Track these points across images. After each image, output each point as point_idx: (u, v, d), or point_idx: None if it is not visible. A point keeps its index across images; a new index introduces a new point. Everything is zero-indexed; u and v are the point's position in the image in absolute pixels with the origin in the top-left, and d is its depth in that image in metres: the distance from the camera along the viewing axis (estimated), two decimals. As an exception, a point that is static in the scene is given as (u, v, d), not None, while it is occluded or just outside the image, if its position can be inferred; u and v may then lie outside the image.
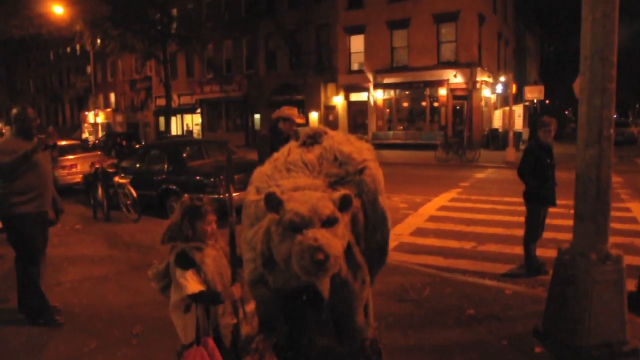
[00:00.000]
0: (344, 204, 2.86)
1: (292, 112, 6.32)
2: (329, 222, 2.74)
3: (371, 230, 3.42)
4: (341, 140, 3.67)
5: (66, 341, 4.46)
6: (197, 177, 9.78)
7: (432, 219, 9.49)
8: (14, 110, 4.97)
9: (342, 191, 2.93)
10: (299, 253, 2.60)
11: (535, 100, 33.91)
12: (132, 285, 5.88)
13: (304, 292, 3.02)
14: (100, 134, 41.03)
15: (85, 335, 4.55)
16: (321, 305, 3.08)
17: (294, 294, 3.04)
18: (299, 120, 6.32)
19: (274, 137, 6.02)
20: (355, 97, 30.55)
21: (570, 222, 7.76)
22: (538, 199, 6.18)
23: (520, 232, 6.88)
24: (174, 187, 9.88)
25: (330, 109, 31.48)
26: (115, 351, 4.23)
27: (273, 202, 2.82)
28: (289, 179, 3.32)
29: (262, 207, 3.01)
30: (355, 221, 3.22)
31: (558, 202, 6.48)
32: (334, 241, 2.68)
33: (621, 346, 3.87)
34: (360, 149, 3.65)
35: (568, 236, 6.80)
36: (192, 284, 2.91)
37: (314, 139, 3.65)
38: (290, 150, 3.62)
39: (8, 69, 57.35)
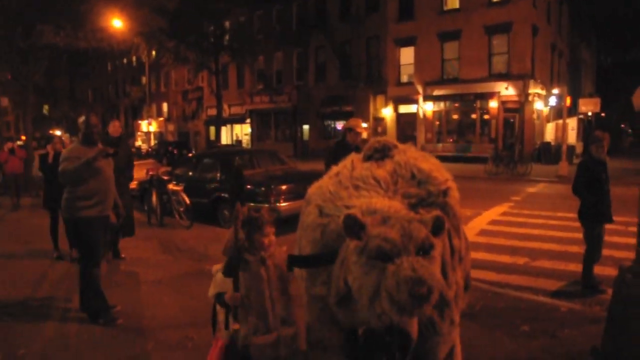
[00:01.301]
0: (437, 228, 2.46)
1: (356, 122, 6.53)
2: (424, 249, 2.36)
3: (457, 262, 3.00)
4: (416, 156, 3.26)
5: (124, 341, 4.64)
6: (248, 186, 9.96)
7: (483, 232, 9.32)
8: (80, 119, 5.26)
9: (434, 212, 2.54)
10: (393, 287, 2.18)
11: (590, 113, 32.78)
12: (186, 289, 6.05)
13: (387, 334, 2.58)
14: (152, 143, 42.36)
15: (142, 337, 4.72)
16: (407, 349, 2.64)
17: (373, 336, 2.65)
18: (361, 130, 6.50)
19: (340, 149, 6.14)
20: (404, 109, 30.39)
21: (629, 240, 7.54)
22: (595, 216, 5.98)
23: (574, 249, 6.70)
24: (226, 196, 10.09)
25: (379, 120, 31.43)
26: (171, 353, 4.36)
27: (354, 227, 2.42)
28: (359, 197, 2.90)
29: (332, 231, 2.72)
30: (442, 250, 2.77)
31: (616, 218, 6.27)
32: (435, 271, 2.29)
33: (686, 370, 3.71)
34: (438, 167, 3.25)
35: (626, 254, 6.63)
36: (212, 286, 3.04)
37: (383, 152, 3.25)
38: (354, 164, 3.23)
39: (70, 80, 59.99)
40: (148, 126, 45.73)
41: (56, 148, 7.95)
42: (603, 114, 39.56)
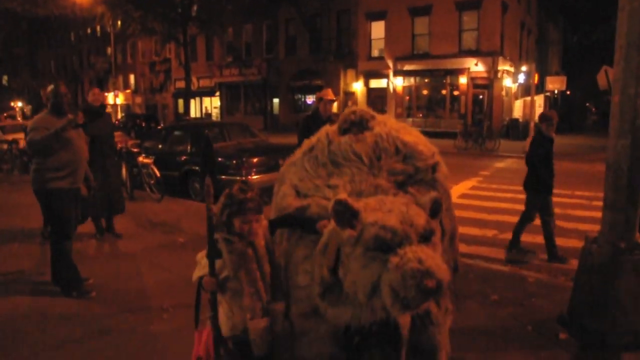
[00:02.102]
0: (435, 211, 2.24)
1: (326, 91, 6.65)
2: (425, 236, 2.13)
3: (448, 243, 2.79)
4: (397, 127, 2.98)
5: (99, 313, 4.60)
6: (220, 159, 9.87)
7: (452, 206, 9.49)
8: (48, 88, 5.09)
9: (432, 194, 2.29)
10: (398, 282, 1.94)
11: (556, 91, 33.51)
12: (159, 262, 6.02)
13: (375, 329, 2.34)
14: (119, 115, 41.41)
15: (117, 309, 4.69)
16: (398, 345, 2.43)
17: (362, 332, 2.37)
18: (332, 98, 6.62)
19: (312, 122, 6.16)
20: (374, 83, 30.44)
21: (592, 213, 7.80)
22: (543, 187, 6.29)
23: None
24: (197, 168, 9.99)
25: (350, 95, 31.40)
26: (147, 324, 4.35)
27: (345, 214, 2.14)
28: (341, 175, 2.67)
29: (313, 215, 2.52)
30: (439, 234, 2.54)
31: (581, 193, 6.51)
32: (440, 260, 2.03)
33: (646, 335, 3.90)
34: (423, 140, 3.01)
35: (590, 227, 6.87)
36: (197, 270, 2.66)
37: (360, 125, 2.94)
38: (330, 138, 2.93)
39: (30, 49, 57.88)
40: (115, 98, 44.64)
41: None
42: (568, 92, 40.36)
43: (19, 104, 50.27)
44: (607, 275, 3.89)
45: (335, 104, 7.05)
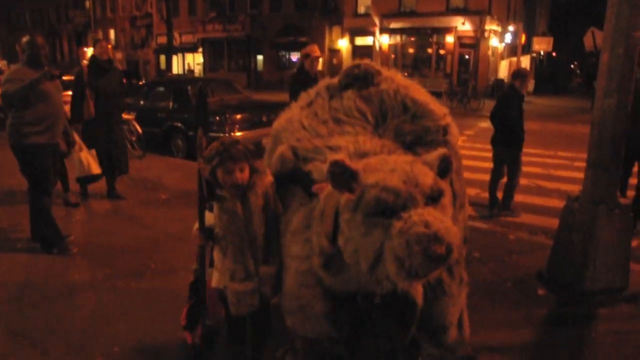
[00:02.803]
0: (444, 170, 2.00)
1: (312, 47, 6.52)
2: (433, 198, 1.90)
3: (459, 209, 2.55)
4: (406, 84, 2.73)
5: (81, 269, 4.57)
6: (203, 116, 9.72)
7: (436, 166, 9.52)
8: (24, 39, 4.89)
9: (440, 150, 2.04)
10: (402, 248, 1.73)
11: (542, 52, 33.37)
12: (141, 218, 5.97)
13: (387, 301, 2.14)
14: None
15: (99, 265, 4.65)
16: (412, 316, 2.23)
17: (369, 302, 2.19)
18: (319, 55, 6.52)
19: (298, 80, 6.08)
20: (360, 41, 30.03)
21: (573, 174, 7.86)
22: (513, 142, 6.36)
23: (523, 181, 6.96)
24: (179, 125, 9.85)
25: (335, 52, 30.98)
26: (130, 280, 4.33)
27: (342, 175, 1.92)
28: (343, 135, 2.43)
29: (315, 182, 2.30)
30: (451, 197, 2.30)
31: (562, 154, 6.55)
32: (450, 223, 1.80)
33: (622, 291, 3.99)
34: (434, 99, 2.77)
35: (571, 187, 6.93)
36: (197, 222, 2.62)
37: (365, 80, 2.68)
38: (332, 92, 2.71)
39: (4, 2, 55.79)
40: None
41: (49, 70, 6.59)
42: (554, 54, 40.26)
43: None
44: (588, 233, 3.94)
45: (320, 61, 6.94)
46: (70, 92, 6.43)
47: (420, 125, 2.55)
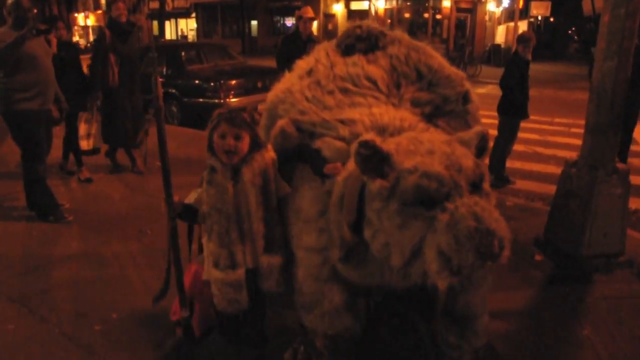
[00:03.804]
0: (482, 149, 1.81)
1: (305, 9, 6.43)
2: (475, 184, 1.69)
3: None
4: (416, 47, 2.50)
5: (77, 237, 4.55)
6: (197, 81, 9.59)
7: (433, 132, 9.47)
8: (9, 1, 4.74)
9: (477, 128, 1.85)
10: (451, 244, 1.54)
11: (539, 17, 32.90)
12: (137, 185, 5.95)
13: (414, 293, 1.97)
14: (91, 38, 39.77)
15: (95, 232, 4.64)
16: (431, 313, 2.10)
17: (393, 296, 2.02)
18: (312, 16, 6.39)
19: (291, 42, 5.98)
20: (355, 5, 29.56)
21: (570, 140, 7.83)
22: (516, 110, 6.22)
23: (520, 147, 6.91)
24: (173, 91, 9.71)
25: (330, 17, 30.50)
26: (126, 247, 4.32)
27: (373, 158, 1.69)
28: (354, 107, 2.19)
29: (325, 161, 2.06)
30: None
31: (559, 120, 6.49)
32: (498, 214, 1.62)
33: (618, 257, 4.01)
34: (446, 63, 2.54)
35: (568, 153, 6.91)
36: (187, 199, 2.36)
37: (369, 41, 2.46)
38: (332, 58, 2.45)
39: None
40: (85, 20, 42.69)
41: (60, 35, 5.89)
42: (552, 19, 39.71)
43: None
44: (585, 199, 3.93)
45: (315, 24, 6.81)
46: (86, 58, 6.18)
47: (438, 93, 2.34)
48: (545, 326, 3.23)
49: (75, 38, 43.41)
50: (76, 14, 44.94)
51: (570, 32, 47.79)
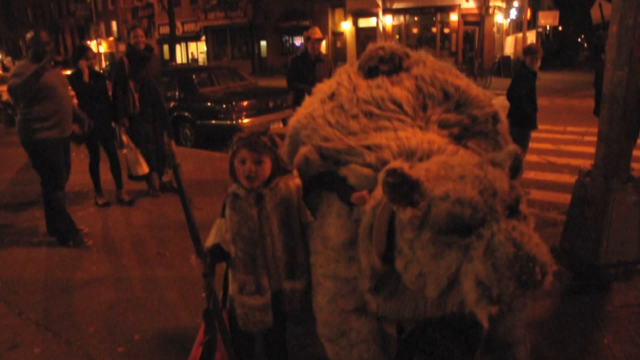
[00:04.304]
0: (516, 170, 1.71)
1: (313, 30, 6.52)
2: (511, 207, 1.61)
3: None
4: (441, 68, 2.44)
5: (97, 261, 4.63)
6: (209, 104, 9.74)
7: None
8: (28, 35, 4.90)
9: (511, 147, 1.76)
10: (490, 273, 1.46)
11: (548, 27, 32.95)
12: (154, 208, 6.01)
13: (448, 324, 1.87)
14: (104, 64, 40.49)
15: (114, 256, 4.72)
16: (478, 338, 1.96)
17: (427, 325, 1.92)
18: (320, 36, 6.48)
19: (300, 63, 6.09)
20: (363, 22, 29.77)
21: (584, 148, 7.80)
22: (529, 122, 6.23)
23: (533, 158, 6.90)
24: (186, 114, 9.86)
25: (338, 35, 30.76)
26: (145, 270, 4.38)
27: (402, 187, 1.61)
28: (380, 131, 2.12)
29: (350, 186, 2.00)
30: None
31: (572, 129, 6.47)
32: (538, 239, 1.53)
33: (637, 264, 3.99)
34: (471, 82, 2.47)
35: (582, 162, 6.88)
36: (210, 237, 2.30)
37: (393, 63, 2.40)
38: (354, 81, 2.38)
39: (5, -4, 55.84)
40: (97, 47, 43.49)
41: (91, 64, 5.93)
42: (560, 28, 39.70)
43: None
44: (600, 207, 3.93)
45: (323, 43, 6.91)
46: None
47: (467, 114, 2.26)
48: (565, 336, 3.22)
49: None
50: (88, 42, 45.88)
51: (579, 40, 47.69)
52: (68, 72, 6.06)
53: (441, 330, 1.90)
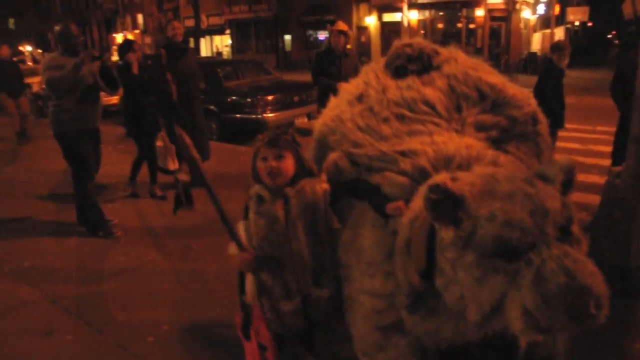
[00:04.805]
0: (568, 185, 1.56)
1: (338, 23, 6.47)
2: (564, 229, 1.47)
3: None
4: (475, 65, 2.31)
5: (126, 252, 4.72)
6: (234, 98, 9.81)
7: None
8: (57, 28, 4.99)
9: (563, 159, 1.59)
10: (538, 304, 1.34)
11: (577, 23, 32.36)
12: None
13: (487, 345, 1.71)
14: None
15: (143, 247, 4.81)
16: (517, 354, 1.75)
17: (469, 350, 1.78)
18: (345, 29, 6.40)
19: (325, 57, 6.07)
20: (388, 17, 29.61)
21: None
22: (557, 121, 6.04)
23: (558, 157, 6.80)
24: (212, 108, 9.93)
25: (363, 30, 30.66)
26: (173, 262, 4.47)
27: (445, 204, 1.47)
28: (413, 135, 2.00)
29: (384, 196, 1.89)
30: None
31: (602, 128, 6.36)
32: (592, 265, 1.40)
33: (667, 268, 3.92)
34: (507, 80, 2.34)
35: (610, 162, 6.78)
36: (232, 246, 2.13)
37: (422, 62, 2.27)
38: (382, 81, 2.24)
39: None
40: (123, 39, 44.08)
41: (138, 57, 5.97)
42: (590, 24, 38.94)
43: (28, 47, 49.72)
44: (630, 210, 3.87)
45: (348, 37, 6.82)
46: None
47: (504, 115, 2.12)
48: (596, 342, 3.18)
49: (114, 57, 44.79)
50: (114, 34, 46.46)
51: (610, 36, 46.70)
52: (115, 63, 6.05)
53: (480, 346, 1.76)
